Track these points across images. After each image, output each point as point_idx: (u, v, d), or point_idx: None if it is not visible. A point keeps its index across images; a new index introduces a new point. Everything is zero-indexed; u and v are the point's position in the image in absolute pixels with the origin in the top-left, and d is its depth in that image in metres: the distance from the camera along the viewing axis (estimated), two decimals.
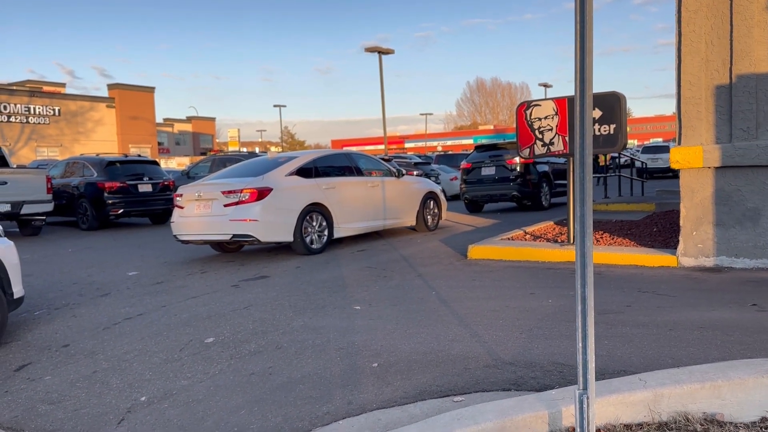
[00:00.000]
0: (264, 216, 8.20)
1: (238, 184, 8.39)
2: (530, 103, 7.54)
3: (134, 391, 3.79)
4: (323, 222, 8.97)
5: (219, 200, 8.36)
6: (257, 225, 8.16)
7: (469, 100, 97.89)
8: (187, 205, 8.74)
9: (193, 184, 9.22)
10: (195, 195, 8.66)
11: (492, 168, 14.45)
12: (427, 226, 10.97)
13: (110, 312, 5.84)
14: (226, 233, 8.29)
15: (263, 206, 8.21)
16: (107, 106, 48.05)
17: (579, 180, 2.42)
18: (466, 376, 3.61)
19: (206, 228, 8.49)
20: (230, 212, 8.21)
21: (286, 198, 8.50)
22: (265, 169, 8.89)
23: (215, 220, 8.35)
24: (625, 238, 7.81)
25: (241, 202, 8.19)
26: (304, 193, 8.75)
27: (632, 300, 5.21)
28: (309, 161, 9.23)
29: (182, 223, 8.76)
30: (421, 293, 5.91)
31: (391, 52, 28.68)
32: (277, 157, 9.60)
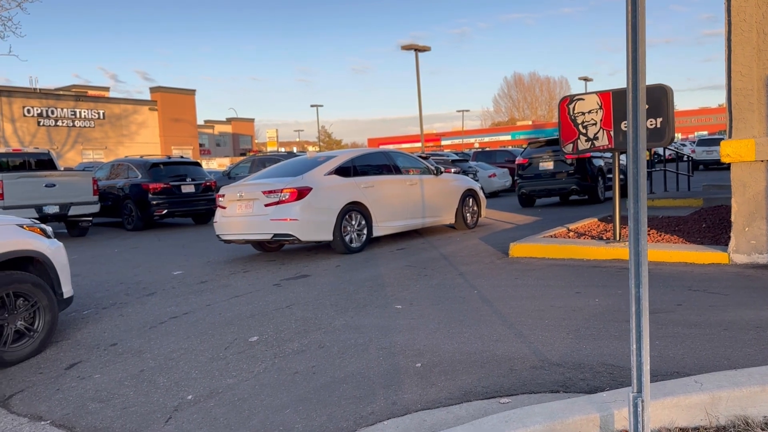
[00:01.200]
0: (304, 215, 8.26)
1: (278, 184, 8.47)
2: (573, 97, 7.39)
3: (181, 390, 3.84)
4: (362, 221, 8.99)
5: (260, 200, 8.45)
6: (297, 224, 8.23)
7: (506, 96, 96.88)
8: (230, 205, 8.84)
9: (235, 185, 9.33)
10: (237, 195, 8.77)
11: (550, 163, 14.69)
12: (467, 224, 10.92)
13: (156, 311, 5.94)
14: (267, 232, 8.37)
15: (303, 205, 8.27)
16: (150, 108, 49.10)
17: (633, 176, 2.34)
18: (512, 378, 3.55)
19: (248, 227, 8.57)
20: (271, 212, 8.30)
21: (325, 197, 8.54)
22: (305, 168, 8.95)
23: (256, 219, 8.44)
24: (673, 235, 7.59)
25: (282, 202, 8.27)
26: (343, 192, 8.78)
27: (683, 299, 5.05)
28: (347, 160, 9.27)
29: (225, 222, 8.88)
30: (462, 292, 5.84)
31: (428, 49, 28.56)
32: (316, 157, 9.65)
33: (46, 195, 12.48)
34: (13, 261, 5.12)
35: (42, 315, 5.12)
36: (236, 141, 72.60)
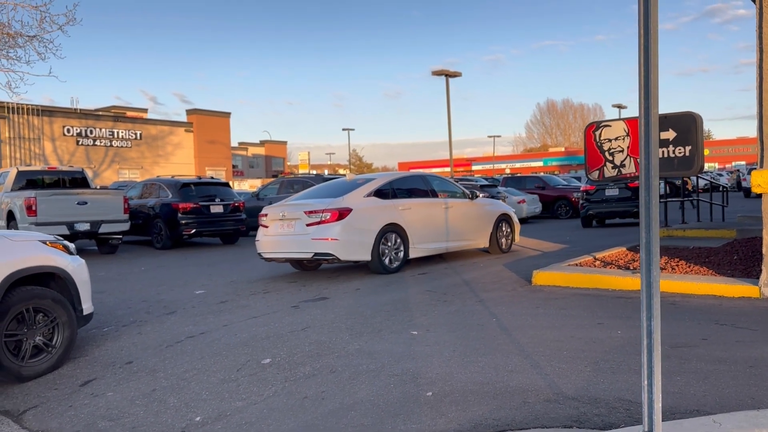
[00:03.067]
0: (344, 235, 8.46)
1: (320, 205, 8.71)
2: (599, 123, 7.29)
3: (190, 411, 3.82)
4: (399, 242, 9.14)
5: (302, 220, 8.69)
6: (337, 244, 8.42)
7: (539, 122, 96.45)
8: (272, 225, 9.07)
9: (277, 205, 9.53)
10: (279, 215, 9.01)
11: (615, 189, 16.66)
12: (501, 248, 10.96)
13: (174, 330, 5.95)
14: (308, 252, 8.58)
15: (343, 226, 8.48)
16: (185, 130, 50.08)
17: (645, 204, 2.26)
18: (525, 410, 3.43)
19: (289, 246, 8.80)
20: (312, 231, 8.52)
21: (364, 218, 8.74)
22: (345, 190, 9.17)
23: (298, 239, 8.67)
24: (702, 266, 7.36)
25: (323, 222, 8.49)
26: (381, 213, 8.98)
27: (709, 333, 4.86)
28: (386, 183, 9.50)
29: (267, 241, 9.09)
30: (481, 319, 5.73)
31: (459, 74, 28.62)
32: (355, 179, 9.90)
33: (78, 212, 12.74)
34: (35, 276, 5.17)
35: (61, 331, 5.15)
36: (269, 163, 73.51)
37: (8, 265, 4.87)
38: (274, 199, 17.55)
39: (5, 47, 15.63)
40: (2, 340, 4.75)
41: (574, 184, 23.88)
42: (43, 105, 40.69)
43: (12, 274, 4.87)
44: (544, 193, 22.66)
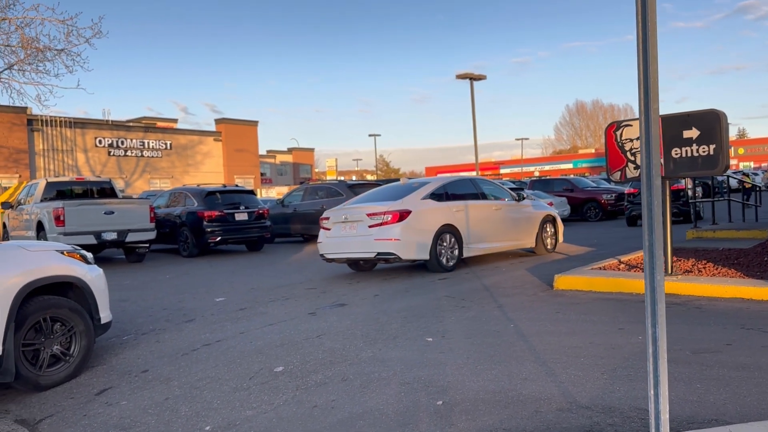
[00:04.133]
0: (404, 236, 8.92)
1: (381, 207, 9.15)
2: (620, 123, 7.12)
3: (200, 420, 3.80)
4: (454, 242, 9.56)
5: (364, 222, 9.14)
6: (399, 244, 8.88)
7: (568, 124, 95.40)
8: (334, 227, 9.56)
9: (338, 208, 9.95)
10: (342, 217, 9.46)
11: None
12: (546, 248, 11.33)
13: (191, 338, 5.97)
14: (371, 251, 9.02)
15: (404, 227, 8.93)
16: (214, 139, 50.74)
17: (647, 205, 2.16)
18: (536, 420, 3.33)
19: (352, 247, 9.25)
20: (375, 232, 8.98)
21: (422, 220, 9.19)
22: (403, 193, 9.63)
23: (361, 240, 9.11)
24: (730, 269, 7.13)
25: (385, 224, 8.94)
26: (437, 215, 9.42)
27: (734, 338, 4.68)
28: (440, 186, 9.95)
29: (329, 243, 9.57)
30: (498, 325, 5.62)
31: (483, 77, 28.46)
32: (410, 183, 10.45)
33: (105, 222, 12.94)
34: (52, 286, 5.20)
35: (78, 340, 5.19)
36: (296, 170, 74.03)
37: (25, 274, 4.90)
38: (299, 206, 17.66)
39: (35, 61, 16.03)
40: (20, 349, 4.79)
41: (604, 186, 23.47)
42: (75, 117, 41.64)
43: (29, 284, 4.89)
44: (572, 196, 22.30)
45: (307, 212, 17.28)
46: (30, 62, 16.16)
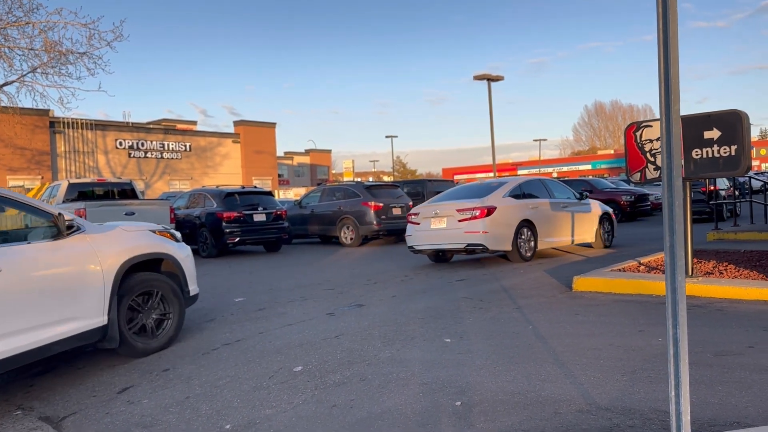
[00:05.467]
0: (491, 229, 9.96)
1: (470, 204, 10.19)
2: (640, 123, 7.06)
3: (221, 419, 3.84)
4: (530, 235, 10.58)
5: (454, 216, 10.19)
6: (486, 236, 9.91)
7: (587, 124, 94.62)
8: (423, 222, 10.60)
9: (426, 205, 11.00)
10: (432, 213, 10.50)
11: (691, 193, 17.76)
12: (604, 243, 12.38)
13: (212, 337, 6.03)
14: (461, 243, 10.08)
15: (490, 221, 9.98)
16: (233, 141, 51.14)
17: (668, 205, 2.15)
18: (556, 421, 3.32)
19: (442, 239, 10.31)
20: (464, 226, 10.03)
21: (506, 215, 10.21)
22: (485, 192, 10.64)
23: (451, 232, 10.16)
24: (753, 270, 7.04)
25: (474, 218, 9.98)
26: (517, 211, 10.42)
27: (756, 340, 4.62)
28: (516, 186, 10.96)
29: (418, 236, 10.64)
30: (517, 327, 5.61)
31: (501, 78, 28.37)
32: (488, 183, 11.50)
33: None
34: (147, 262, 5.78)
35: (172, 310, 5.85)
36: (314, 171, 74.33)
37: (125, 252, 5.47)
38: (316, 207, 17.73)
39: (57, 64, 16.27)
40: (124, 319, 5.41)
41: (623, 187, 23.26)
42: (96, 119, 42.22)
43: (129, 260, 5.46)
44: (591, 197, 22.13)
45: (325, 213, 17.35)
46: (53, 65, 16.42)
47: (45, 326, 4.71)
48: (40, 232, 5.06)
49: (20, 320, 4.53)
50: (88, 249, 5.18)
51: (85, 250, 5.15)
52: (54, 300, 4.82)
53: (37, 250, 4.83)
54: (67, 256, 4.99)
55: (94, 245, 5.27)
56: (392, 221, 16.45)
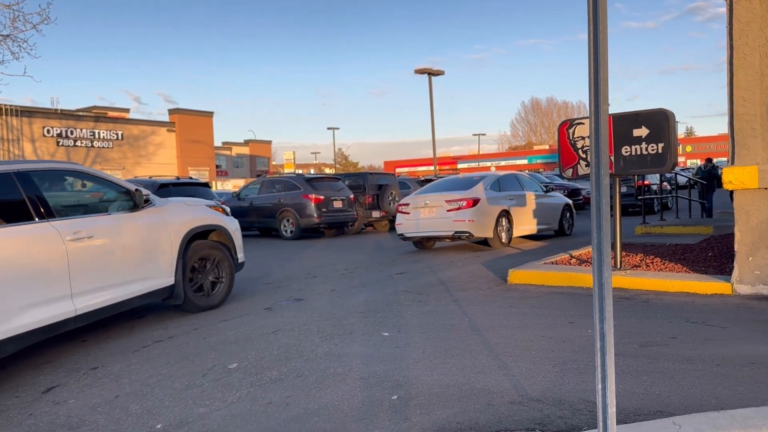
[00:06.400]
0: (476, 218, 10.97)
1: (457, 195, 11.22)
2: (573, 121, 7.27)
3: (151, 418, 3.73)
4: (508, 224, 11.73)
5: (443, 207, 11.15)
6: (472, 224, 10.94)
7: (523, 120, 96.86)
8: (413, 211, 11.56)
9: (415, 196, 11.99)
10: (423, 203, 11.46)
11: (624, 188, 18.65)
12: (565, 232, 13.70)
13: (143, 334, 5.85)
14: (450, 230, 11.03)
15: (475, 211, 11.00)
16: (168, 130, 49.64)
17: (595, 203, 2.21)
18: (489, 413, 3.39)
19: (431, 227, 11.28)
20: (453, 215, 11.01)
21: (488, 205, 11.25)
22: (468, 185, 11.73)
23: (440, 221, 11.13)
24: (677, 263, 7.37)
25: (461, 208, 10.99)
26: (497, 202, 11.53)
27: (679, 331, 4.85)
28: (495, 180, 12.08)
29: (409, 224, 11.58)
30: (453, 320, 5.69)
31: (441, 73, 28.63)
32: (470, 176, 12.57)
33: None
34: (205, 232, 6.78)
35: (225, 274, 6.87)
36: (253, 162, 73.17)
37: (188, 222, 6.48)
38: (256, 199, 17.44)
39: None
40: (187, 280, 6.40)
41: (557, 182, 23.94)
42: (22, 105, 40.11)
43: (191, 229, 6.46)
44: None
45: (264, 206, 17.09)
46: None
47: (127, 283, 5.67)
48: (117, 204, 5.91)
49: (109, 278, 5.50)
50: (159, 219, 6.15)
51: (157, 220, 6.12)
52: (134, 262, 5.79)
53: (119, 219, 5.77)
54: (143, 225, 5.95)
55: (164, 216, 6.24)
56: (333, 214, 16.38)
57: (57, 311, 4.96)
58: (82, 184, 5.91)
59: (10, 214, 4.87)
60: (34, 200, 5.06)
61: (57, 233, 5.06)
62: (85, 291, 5.22)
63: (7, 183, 4.98)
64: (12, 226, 4.81)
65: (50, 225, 5.06)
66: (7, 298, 4.61)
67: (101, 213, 5.67)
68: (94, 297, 5.29)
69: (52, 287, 4.97)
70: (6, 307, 4.59)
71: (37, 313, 4.81)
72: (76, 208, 5.67)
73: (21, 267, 4.76)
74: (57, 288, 5.00)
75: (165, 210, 6.28)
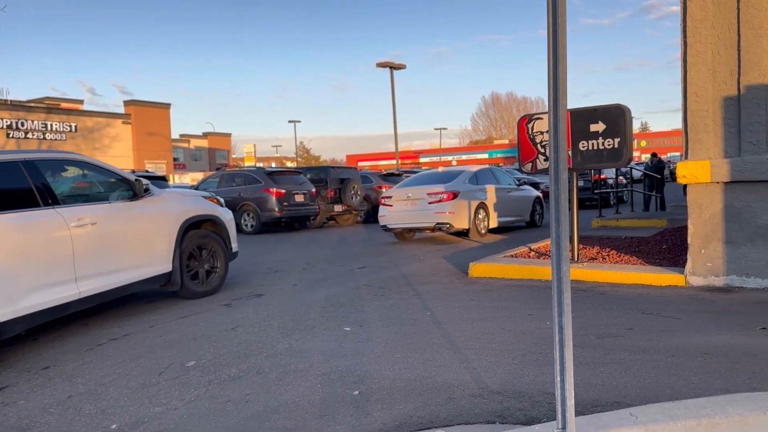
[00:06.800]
0: (456, 210, 11.56)
1: (438, 188, 11.78)
2: (532, 116, 7.34)
3: (106, 418, 3.62)
4: (485, 215, 12.31)
5: (424, 199, 11.72)
6: (453, 216, 11.51)
7: (484, 115, 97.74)
8: (396, 204, 12.08)
9: (398, 189, 12.53)
10: (405, 196, 12.02)
11: (581, 181, 18.90)
12: (536, 223, 14.36)
13: (97, 332, 5.69)
14: (431, 222, 11.60)
15: (455, 203, 11.59)
16: (123, 122, 48.50)
17: (554, 198, 2.22)
18: (450, 407, 3.39)
19: (413, 219, 11.82)
20: (434, 207, 11.57)
21: (467, 198, 11.85)
22: (449, 179, 12.32)
23: (422, 213, 11.69)
24: (632, 256, 7.54)
25: (442, 201, 11.55)
26: (474, 195, 12.11)
27: (635, 322, 4.95)
28: (472, 174, 12.70)
29: (392, 216, 12.08)
30: (415, 314, 5.69)
31: (403, 67, 28.64)
32: (449, 171, 13.29)
33: None
34: (200, 222, 7.05)
35: (220, 263, 7.16)
36: (212, 155, 72.04)
37: (185, 212, 6.74)
38: (215, 194, 17.14)
39: None
40: (184, 267, 6.67)
41: (516, 175, 24.22)
42: None
43: (188, 219, 6.73)
44: None
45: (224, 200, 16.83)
46: None
47: (127, 269, 5.94)
48: (118, 194, 6.13)
49: (110, 263, 5.76)
50: (157, 209, 6.42)
51: (155, 210, 6.38)
52: (133, 248, 6.04)
53: (120, 208, 6.04)
54: (142, 214, 6.21)
55: (162, 206, 6.50)
56: (295, 208, 16.24)
57: (62, 294, 5.26)
58: (84, 174, 6.11)
59: (18, 201, 5.15)
60: (40, 188, 5.33)
61: (62, 219, 5.35)
62: (89, 275, 5.52)
63: (16, 171, 5.22)
64: (21, 212, 5.10)
65: (56, 211, 5.33)
66: (17, 279, 4.90)
67: (102, 201, 5.94)
68: (97, 281, 5.60)
69: (57, 271, 5.25)
70: (16, 288, 4.89)
71: (44, 294, 5.10)
72: (79, 196, 5.89)
73: (30, 250, 5.04)
74: (62, 272, 5.29)
75: (163, 200, 6.57)
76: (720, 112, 6.03)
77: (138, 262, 6.08)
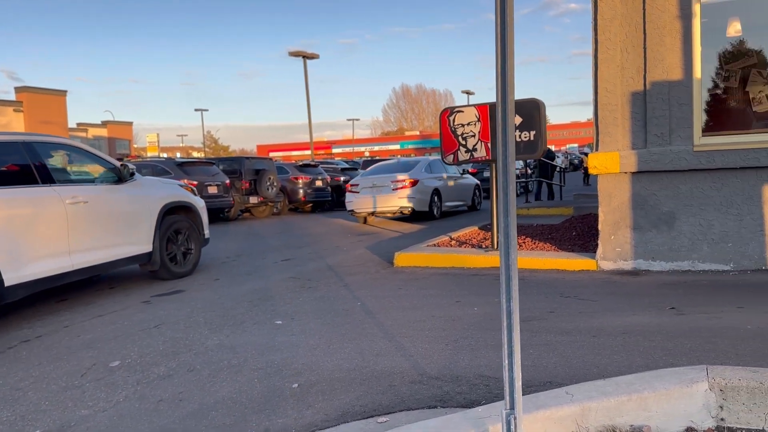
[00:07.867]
0: (417, 195, 13.33)
1: (401, 176, 13.44)
2: (453, 109, 7.51)
3: (27, 425, 3.41)
4: (438, 200, 14.15)
5: (389, 186, 13.35)
6: (414, 200, 13.26)
7: (395, 106, 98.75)
8: (362, 191, 13.64)
9: (363, 177, 14.12)
10: (370, 184, 13.59)
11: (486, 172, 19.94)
12: (476, 207, 16.38)
13: (6, 335, 5.32)
14: (395, 206, 13.29)
15: (416, 189, 13.36)
16: (15, 110, 45.20)
17: (502, 189, 2.30)
18: (391, 394, 3.45)
19: (379, 203, 13.34)
20: (397, 193, 13.25)
21: (425, 185, 13.65)
22: (408, 167, 14.08)
23: (386, 198, 13.29)
24: (546, 243, 7.90)
25: (404, 187, 13.27)
26: (430, 183, 13.93)
27: (555, 306, 5.21)
28: (427, 164, 14.39)
29: (358, 202, 13.62)
30: (346, 304, 5.71)
31: (316, 56, 28.40)
32: (406, 161, 15.16)
33: None
34: (177, 208, 7.52)
35: (194, 247, 7.73)
36: (113, 145, 68.47)
37: (165, 197, 7.31)
38: None
39: None
40: (164, 248, 7.22)
41: None
42: None
43: (167, 204, 7.26)
44: None
45: None
46: None
47: (114, 246, 6.48)
48: (104, 176, 6.72)
49: (100, 239, 6.29)
50: (141, 192, 6.98)
51: (139, 193, 6.95)
52: (120, 227, 6.58)
53: (109, 190, 6.58)
54: (128, 197, 6.78)
55: (144, 190, 7.05)
56: (208, 200, 15.69)
57: (58, 264, 5.79)
58: (75, 157, 6.77)
59: (19, 178, 5.68)
60: (38, 167, 5.86)
61: (59, 196, 5.88)
62: (81, 249, 6.05)
63: (17, 150, 5.77)
64: (24, 187, 5.64)
65: (52, 189, 5.86)
66: (19, 248, 5.42)
67: (92, 183, 6.54)
68: (88, 255, 6.13)
69: (54, 243, 5.78)
70: (18, 256, 5.40)
71: (43, 264, 5.64)
72: (71, 177, 6.51)
73: (30, 223, 5.57)
74: (58, 244, 5.81)
75: (144, 185, 7.17)
76: (628, 106, 6.42)
77: (123, 241, 6.62)
